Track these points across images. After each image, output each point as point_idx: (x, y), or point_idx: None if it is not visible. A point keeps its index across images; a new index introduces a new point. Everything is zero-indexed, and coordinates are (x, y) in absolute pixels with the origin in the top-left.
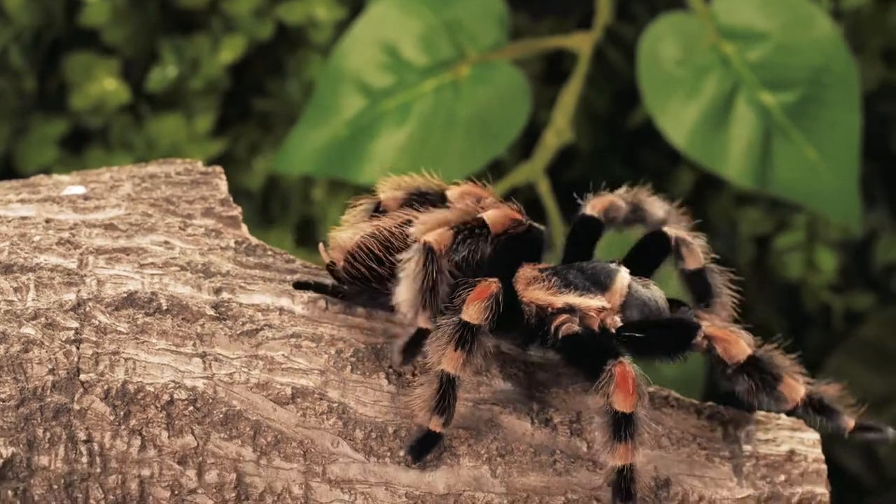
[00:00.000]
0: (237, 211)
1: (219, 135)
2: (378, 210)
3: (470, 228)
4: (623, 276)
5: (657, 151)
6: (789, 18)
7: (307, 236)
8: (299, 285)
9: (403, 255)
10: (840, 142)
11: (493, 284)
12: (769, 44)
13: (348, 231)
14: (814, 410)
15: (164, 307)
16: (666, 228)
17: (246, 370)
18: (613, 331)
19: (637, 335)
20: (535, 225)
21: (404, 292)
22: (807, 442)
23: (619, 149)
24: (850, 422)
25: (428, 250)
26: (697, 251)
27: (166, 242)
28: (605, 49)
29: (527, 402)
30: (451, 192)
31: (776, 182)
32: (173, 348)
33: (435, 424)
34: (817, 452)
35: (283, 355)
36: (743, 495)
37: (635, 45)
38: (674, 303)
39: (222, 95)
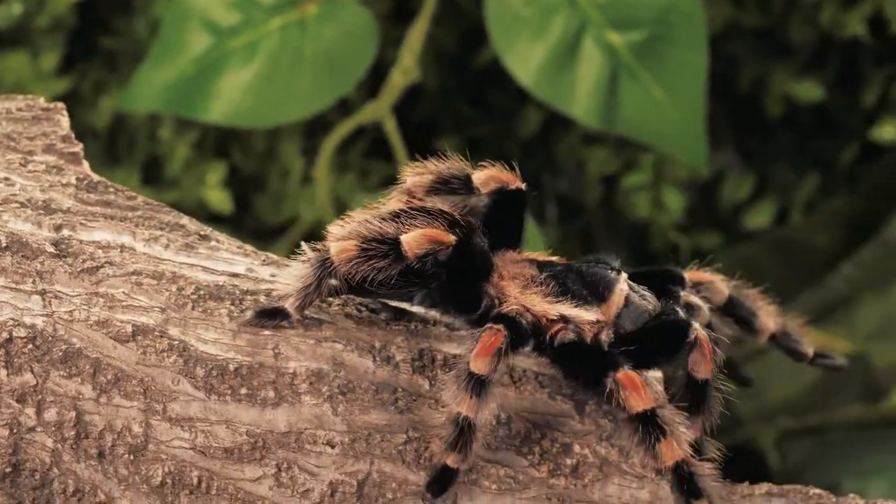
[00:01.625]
0: (79, 147)
1: (64, 73)
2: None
3: (378, 247)
4: (622, 287)
5: (504, 91)
6: None
7: (154, 175)
8: None
9: (303, 251)
10: (686, 82)
11: (499, 335)
12: None
13: (338, 224)
14: (783, 341)
15: (4, 244)
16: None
17: (86, 308)
18: (606, 347)
19: (630, 347)
20: (521, 187)
21: (289, 284)
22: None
23: (467, 88)
24: (809, 351)
25: (324, 260)
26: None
27: (6, 179)
28: None
29: (369, 340)
30: (477, 176)
31: (623, 122)
32: (12, 286)
33: (453, 460)
34: (660, 389)
35: (123, 293)
36: (585, 432)
37: None
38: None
39: (68, 33)
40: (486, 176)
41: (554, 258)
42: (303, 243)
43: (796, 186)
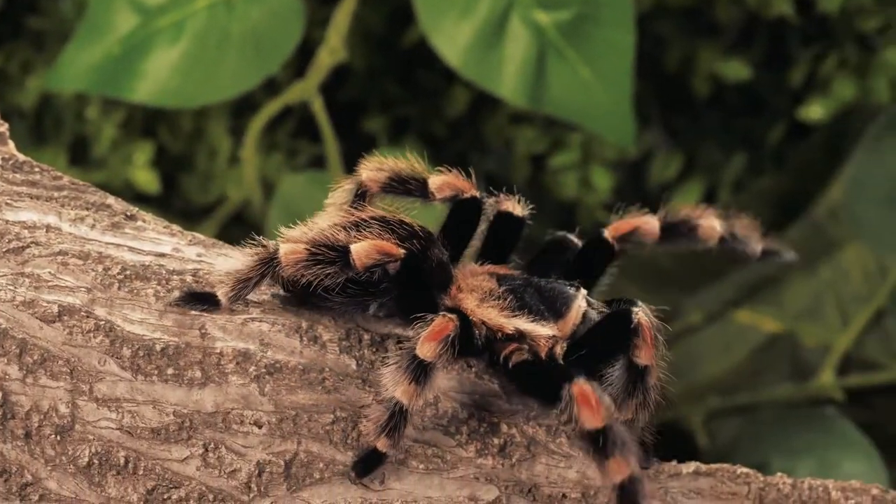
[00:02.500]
0: (4, 128)
1: None
2: (359, 194)
3: (327, 253)
4: (580, 303)
5: (432, 71)
6: None
7: (81, 155)
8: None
9: (251, 247)
10: (614, 61)
11: (450, 323)
12: None
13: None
14: (729, 242)
15: None
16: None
17: (12, 288)
18: (561, 360)
19: (582, 352)
20: (476, 195)
21: (227, 269)
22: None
23: (394, 68)
24: (757, 248)
25: (271, 258)
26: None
27: None
28: None
29: (295, 320)
30: (433, 182)
31: (551, 101)
32: None
33: (382, 444)
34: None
35: (49, 273)
36: (512, 412)
37: None
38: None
39: None
40: (442, 182)
41: (515, 272)
42: (255, 236)
43: (724, 166)
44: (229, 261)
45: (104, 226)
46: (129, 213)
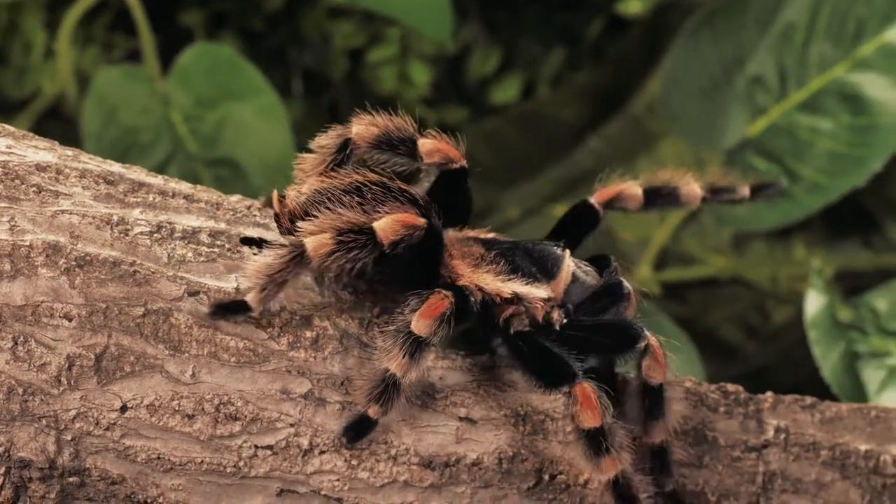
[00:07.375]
0: None
1: None
2: (346, 145)
3: (356, 238)
4: (568, 263)
5: None
6: None
7: None
8: (247, 240)
9: (277, 241)
10: None
11: (445, 301)
12: None
13: (296, 189)
14: (714, 197)
15: None
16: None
17: None
18: (558, 327)
19: (580, 334)
20: (465, 165)
21: (254, 270)
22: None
23: None
24: (745, 191)
25: (299, 254)
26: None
27: None
28: None
29: (107, 212)
30: (423, 146)
31: None
32: None
33: (374, 412)
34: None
35: None
36: (325, 304)
37: None
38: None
39: None
40: (433, 147)
41: (492, 234)
42: (274, 193)
43: (542, 60)
44: (256, 260)
45: None
46: None
